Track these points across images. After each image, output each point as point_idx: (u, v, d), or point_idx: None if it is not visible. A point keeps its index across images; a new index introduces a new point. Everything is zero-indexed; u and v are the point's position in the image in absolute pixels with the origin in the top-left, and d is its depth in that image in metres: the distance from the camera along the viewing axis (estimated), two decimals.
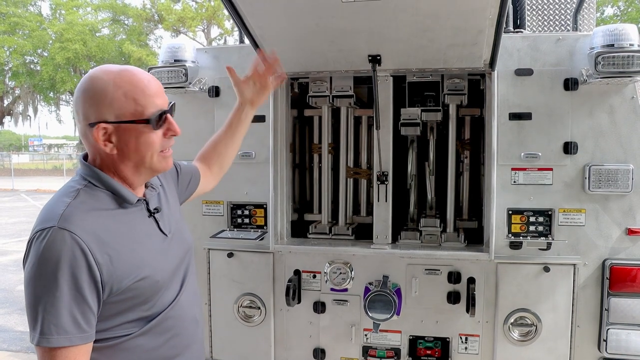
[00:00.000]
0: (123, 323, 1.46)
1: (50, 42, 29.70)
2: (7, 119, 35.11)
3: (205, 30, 32.39)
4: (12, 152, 40.17)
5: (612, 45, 2.59)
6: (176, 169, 1.93)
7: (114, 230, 1.44)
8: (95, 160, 1.52)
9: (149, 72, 2.95)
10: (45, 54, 30.14)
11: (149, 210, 1.59)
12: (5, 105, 33.72)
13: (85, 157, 1.55)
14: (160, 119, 1.48)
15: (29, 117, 35.35)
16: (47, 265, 1.32)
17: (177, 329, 1.58)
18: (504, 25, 2.41)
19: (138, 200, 1.56)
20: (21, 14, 30.07)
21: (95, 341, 1.42)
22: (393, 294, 2.85)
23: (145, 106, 1.45)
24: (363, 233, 3.24)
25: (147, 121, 1.45)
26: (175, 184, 1.89)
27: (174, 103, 1.58)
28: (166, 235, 1.60)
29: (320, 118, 3.35)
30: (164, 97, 1.53)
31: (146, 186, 1.65)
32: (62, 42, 28.16)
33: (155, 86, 1.50)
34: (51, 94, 32.14)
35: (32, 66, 31.14)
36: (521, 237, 2.82)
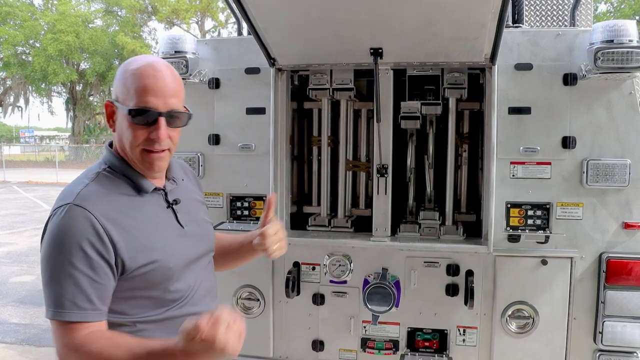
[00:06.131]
0: (132, 309, 1.48)
1: (42, 32, 29.40)
2: None
3: (199, 23, 32.21)
4: (3, 144, 39.76)
5: (612, 41, 2.62)
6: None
7: (128, 213, 1.47)
8: (116, 147, 1.58)
9: None
10: (37, 45, 29.84)
11: (167, 201, 1.61)
12: None
13: (111, 145, 1.61)
14: (141, 114, 1.46)
15: (20, 109, 35.12)
16: (61, 241, 1.36)
17: None
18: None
19: (155, 189, 1.58)
20: (12, 4, 29.76)
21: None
22: (392, 286, 2.87)
23: (135, 98, 1.46)
24: (362, 226, 3.25)
25: (128, 111, 1.47)
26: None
27: (179, 112, 1.52)
28: (183, 227, 1.62)
29: (319, 111, 3.35)
30: (168, 100, 1.48)
31: (167, 178, 1.67)
32: (54, 33, 27.89)
33: (160, 86, 1.47)
34: (43, 85, 31.88)
35: (23, 57, 30.84)
36: (519, 230, 2.85)
